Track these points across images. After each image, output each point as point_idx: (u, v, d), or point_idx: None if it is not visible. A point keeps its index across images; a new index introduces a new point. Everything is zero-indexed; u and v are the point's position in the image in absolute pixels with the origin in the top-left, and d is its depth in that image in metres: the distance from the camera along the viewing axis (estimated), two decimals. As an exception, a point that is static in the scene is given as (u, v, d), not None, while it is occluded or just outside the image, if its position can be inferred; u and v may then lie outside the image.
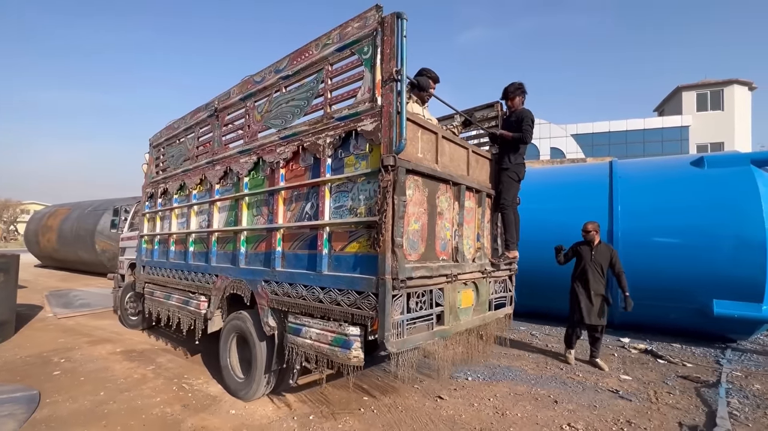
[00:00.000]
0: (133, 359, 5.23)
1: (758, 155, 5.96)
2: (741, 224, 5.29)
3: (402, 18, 2.75)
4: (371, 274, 2.75)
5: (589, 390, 4.12)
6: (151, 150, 6.28)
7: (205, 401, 3.97)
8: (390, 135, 2.72)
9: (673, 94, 28.15)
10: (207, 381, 4.49)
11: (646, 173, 6.60)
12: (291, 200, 3.55)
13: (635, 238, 5.00)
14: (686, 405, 3.77)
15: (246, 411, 3.71)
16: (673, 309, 5.92)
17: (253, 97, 4.08)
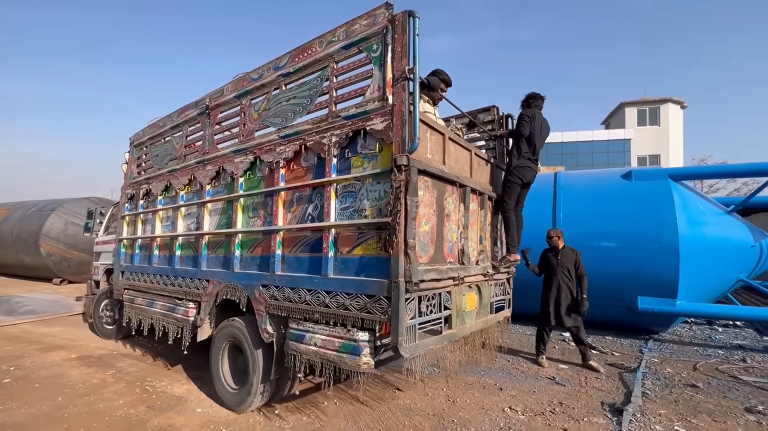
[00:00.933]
0: (91, 364, 5.12)
1: (675, 170, 6.82)
2: (659, 231, 6.04)
3: (414, 16, 2.71)
4: (383, 277, 2.67)
5: (531, 379, 4.56)
6: (132, 149, 5.97)
7: (170, 401, 4.01)
8: (402, 134, 2.66)
9: (618, 109, 30.18)
10: (171, 383, 4.51)
11: (585, 184, 7.27)
12: (292, 202, 3.42)
13: (575, 242, 5.40)
14: (610, 388, 4.30)
15: (212, 409, 3.82)
16: (607, 306, 6.47)
17: (249, 95, 3.93)
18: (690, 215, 6.13)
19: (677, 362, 5.29)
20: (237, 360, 3.89)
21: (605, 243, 6.43)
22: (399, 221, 2.57)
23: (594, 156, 27.25)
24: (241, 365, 3.84)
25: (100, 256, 6.94)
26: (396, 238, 2.57)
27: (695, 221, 6.13)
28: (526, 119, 4.13)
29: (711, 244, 6.07)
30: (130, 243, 5.75)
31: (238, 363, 3.87)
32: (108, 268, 6.54)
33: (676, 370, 4.91)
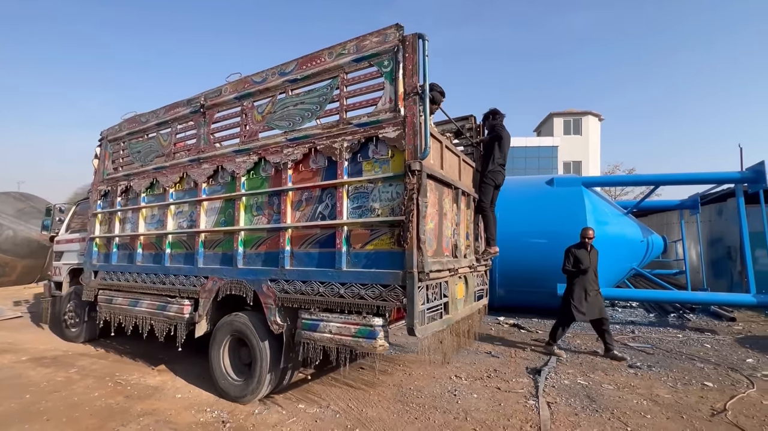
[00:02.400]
0: (47, 365, 5.11)
1: (587, 178, 8.61)
2: (574, 228, 7.13)
3: (424, 39, 3.08)
4: (397, 268, 3.01)
5: (471, 353, 5.40)
6: (106, 144, 5.75)
7: (146, 391, 4.21)
8: (415, 143, 3.02)
9: (547, 119, 32.94)
10: (142, 375, 4.70)
11: (517, 188, 8.29)
12: (301, 201, 3.65)
13: (509, 241, 6.29)
14: (533, 358, 5.32)
15: (191, 395, 4.11)
16: (533, 293, 7.71)
17: (251, 97, 4.07)
18: (597, 217, 7.46)
19: (585, 335, 6.52)
20: (239, 353, 4.03)
21: (533, 240, 7.59)
22: (413, 219, 2.93)
23: (527, 161, 29.35)
24: (243, 357, 3.99)
25: (62, 256, 6.54)
26: (410, 234, 2.93)
27: (600, 221, 7.45)
28: (501, 128, 4.67)
29: (612, 240, 7.43)
30: (105, 242, 5.55)
31: (240, 356, 4.02)
32: (74, 268, 6.21)
33: (583, 341, 6.14)
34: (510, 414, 3.58)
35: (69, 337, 6.10)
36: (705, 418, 3.47)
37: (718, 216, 10.64)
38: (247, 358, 3.96)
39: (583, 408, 3.67)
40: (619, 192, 27.76)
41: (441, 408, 3.70)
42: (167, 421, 3.54)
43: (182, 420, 3.56)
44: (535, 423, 3.38)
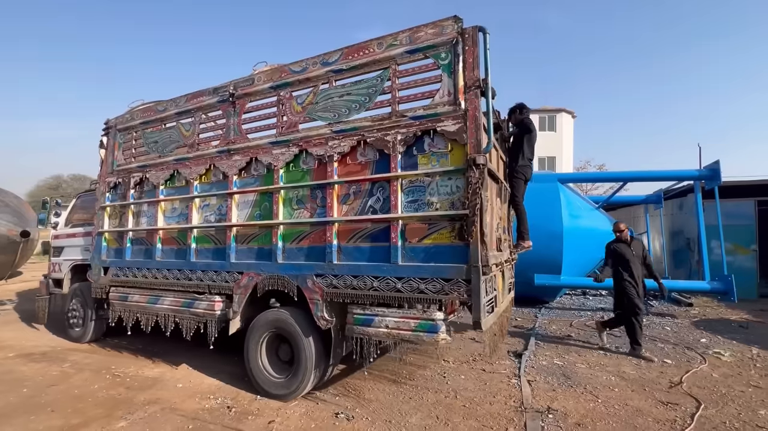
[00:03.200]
0: (38, 361, 5.08)
1: (562, 175, 9.25)
2: (550, 222, 7.70)
3: (485, 32, 3.07)
4: (459, 262, 3.02)
5: (457, 340, 5.64)
6: (114, 133, 5.45)
7: (146, 382, 4.29)
8: (477, 137, 3.02)
9: None
10: (139, 368, 4.76)
11: None
12: (348, 194, 3.58)
13: None
14: (514, 342, 5.62)
15: (192, 384, 4.21)
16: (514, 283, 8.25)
17: (288, 87, 3.95)
18: (571, 211, 7.79)
19: (560, 321, 7.09)
20: (278, 349, 3.94)
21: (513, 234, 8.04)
22: (477, 213, 2.93)
23: (507, 156, 30.32)
24: (282, 354, 3.90)
25: (61, 251, 6.17)
26: (475, 228, 2.93)
27: (574, 215, 7.79)
28: (529, 122, 4.72)
29: (584, 233, 7.88)
30: (117, 237, 5.28)
31: (279, 353, 3.93)
32: (78, 264, 5.88)
33: (558, 327, 6.64)
34: (495, 391, 3.91)
35: (73, 337, 5.79)
36: (664, 390, 3.92)
37: (679, 210, 11.33)
38: (286, 355, 3.88)
39: (560, 385, 4.06)
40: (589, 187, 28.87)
41: (432, 388, 3.98)
42: (173, 409, 3.64)
43: (188, 407, 3.66)
44: (517, 399, 3.72)
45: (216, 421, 3.40)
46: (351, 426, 3.27)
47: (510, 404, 3.62)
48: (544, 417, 3.35)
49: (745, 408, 3.52)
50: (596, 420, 3.29)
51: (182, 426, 3.32)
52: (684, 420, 3.28)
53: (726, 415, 3.37)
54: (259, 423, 3.36)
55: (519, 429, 3.18)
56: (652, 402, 3.63)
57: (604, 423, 3.24)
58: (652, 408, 3.51)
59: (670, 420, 3.29)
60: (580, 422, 3.26)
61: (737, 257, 9.34)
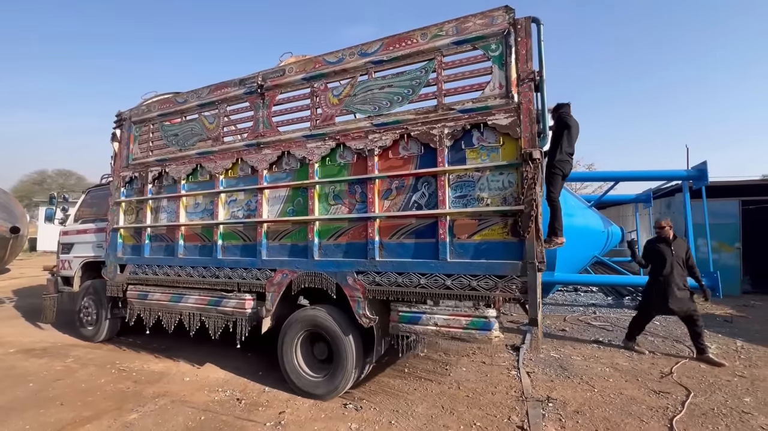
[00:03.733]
0: (40, 356, 5.03)
1: None
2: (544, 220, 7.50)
3: (539, 23, 2.99)
4: (513, 259, 2.96)
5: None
6: (129, 126, 5.24)
7: (153, 377, 4.32)
8: (532, 130, 2.95)
9: None
10: (144, 362, 4.75)
11: None
12: (390, 190, 3.49)
13: None
14: (511, 336, 5.66)
15: (199, 377, 4.26)
16: None
17: (323, 78, 3.83)
18: (566, 209, 8.15)
19: (554, 316, 7.21)
20: (313, 348, 3.85)
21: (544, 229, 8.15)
22: (534, 209, 2.87)
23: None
24: (318, 353, 3.82)
25: (71, 248, 5.95)
26: (532, 224, 2.87)
27: (569, 213, 7.76)
28: (569, 116, 4.66)
29: (577, 230, 7.64)
30: (134, 233, 5.10)
31: (314, 352, 3.84)
32: (90, 261, 5.68)
33: (552, 321, 6.78)
34: (496, 383, 4.03)
35: (85, 336, 5.60)
36: (655, 380, 4.09)
37: (667, 209, 11.52)
38: (321, 353, 3.80)
39: (557, 376, 4.20)
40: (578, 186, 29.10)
41: (436, 380, 4.08)
42: (183, 401, 3.68)
43: (197, 400, 3.71)
44: (518, 389, 3.85)
45: (227, 412, 3.45)
46: (360, 415, 3.36)
47: (511, 394, 3.75)
48: (545, 405, 3.49)
49: (731, 395, 3.71)
50: (593, 408, 3.45)
51: (194, 417, 3.37)
52: (675, 407, 3.46)
53: (714, 402, 3.55)
54: (269, 413, 3.43)
55: (521, 416, 3.30)
56: (645, 391, 3.80)
57: (601, 411, 3.40)
58: (645, 397, 3.67)
59: (662, 407, 3.47)
60: (578, 410, 3.42)
61: (722, 254, 9.56)
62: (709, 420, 3.24)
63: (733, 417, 3.28)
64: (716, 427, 3.13)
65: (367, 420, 3.27)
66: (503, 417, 3.28)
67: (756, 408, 3.44)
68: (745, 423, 3.19)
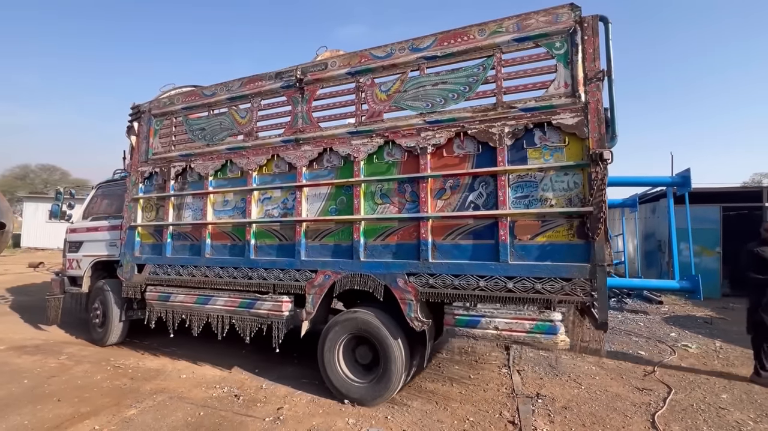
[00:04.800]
0: (32, 353, 4.96)
1: None
2: None
3: (607, 22, 2.95)
4: (579, 261, 2.90)
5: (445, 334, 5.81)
6: (149, 119, 5.00)
7: (149, 373, 4.33)
8: (600, 131, 2.90)
9: None
10: (140, 359, 4.79)
11: None
12: (444, 189, 3.38)
13: None
14: None
15: (196, 374, 4.30)
16: None
17: (370, 73, 3.71)
18: None
19: None
20: (354, 352, 3.72)
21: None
22: (604, 211, 2.82)
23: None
24: (361, 357, 3.69)
25: (80, 246, 5.64)
26: (601, 226, 2.81)
27: None
28: None
29: None
30: (154, 231, 4.86)
31: (357, 355, 3.71)
32: (101, 260, 5.39)
33: None
34: (487, 380, 4.16)
35: (96, 339, 5.31)
36: (639, 377, 4.27)
37: (652, 214, 11.85)
38: (365, 357, 3.67)
39: (546, 373, 4.35)
40: None
41: (429, 378, 4.19)
42: (181, 397, 3.71)
43: (195, 396, 3.75)
44: (509, 386, 4.00)
45: (226, 408, 3.49)
46: (357, 410, 3.44)
47: (502, 391, 3.89)
48: (534, 401, 3.63)
49: (709, 392, 3.90)
50: (581, 404, 3.59)
51: (193, 413, 3.40)
52: (657, 403, 3.62)
53: (693, 399, 3.74)
54: (268, 409, 3.48)
55: (512, 412, 3.42)
56: (629, 388, 3.96)
57: (587, 406, 3.55)
58: (629, 393, 3.84)
59: (645, 403, 3.63)
60: (566, 406, 3.56)
61: (703, 258, 9.86)
62: (688, 415, 3.41)
63: (710, 413, 3.45)
64: (695, 422, 3.29)
65: (363, 415, 3.36)
66: (495, 413, 3.41)
67: (732, 404, 3.62)
68: (722, 418, 3.36)
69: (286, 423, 3.23)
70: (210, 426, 3.19)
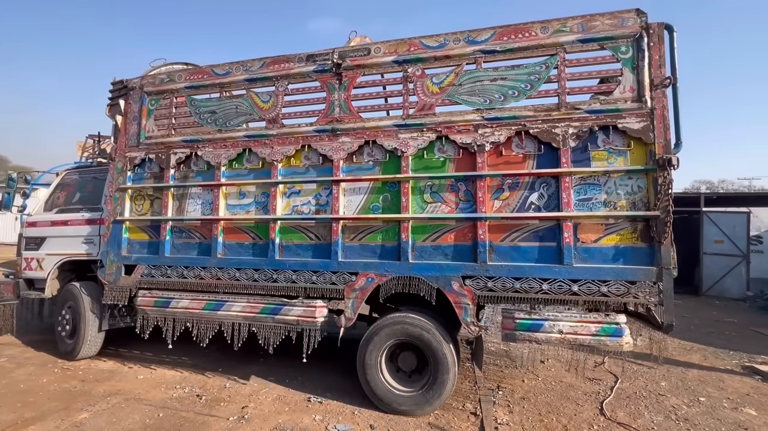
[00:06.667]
0: None
1: None
2: None
3: (673, 30, 3.01)
4: (644, 264, 2.94)
5: None
6: (141, 97, 4.33)
7: (102, 375, 4.13)
8: (666, 137, 2.96)
9: None
10: (91, 361, 4.52)
11: None
12: (502, 189, 3.28)
13: None
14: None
15: (155, 375, 4.16)
16: None
17: (420, 63, 3.49)
18: None
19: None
20: (396, 358, 3.51)
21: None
22: (670, 215, 2.88)
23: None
24: (405, 363, 3.49)
25: (41, 243, 4.75)
26: (668, 230, 2.88)
27: None
28: None
29: None
30: (148, 227, 4.23)
31: (398, 362, 3.50)
32: (72, 260, 4.59)
33: None
34: None
35: (65, 351, 4.51)
36: (590, 368, 4.59)
37: None
38: (408, 364, 3.48)
39: (507, 366, 4.61)
40: None
41: None
42: (138, 399, 3.56)
43: (154, 397, 3.62)
44: (471, 379, 4.13)
45: (187, 409, 3.39)
46: (324, 407, 3.48)
47: (465, 384, 4.03)
48: (495, 393, 3.84)
49: (650, 381, 4.25)
50: (537, 394, 3.85)
51: (151, 415, 3.27)
52: (605, 391, 3.94)
53: (636, 387, 4.08)
54: (232, 408, 3.43)
55: (474, 404, 3.58)
56: (581, 379, 4.27)
57: (544, 396, 3.80)
58: (581, 383, 4.15)
59: (594, 392, 3.94)
60: (524, 396, 3.79)
61: None
62: (632, 402, 3.72)
63: (651, 399, 3.78)
64: (638, 407, 3.60)
65: (331, 411, 3.39)
66: (458, 405, 3.54)
67: (669, 391, 3.98)
68: (660, 404, 3.69)
69: (251, 421, 3.19)
70: (170, 427, 3.09)
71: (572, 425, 3.25)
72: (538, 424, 3.26)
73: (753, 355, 5.15)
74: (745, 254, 10.16)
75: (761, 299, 9.14)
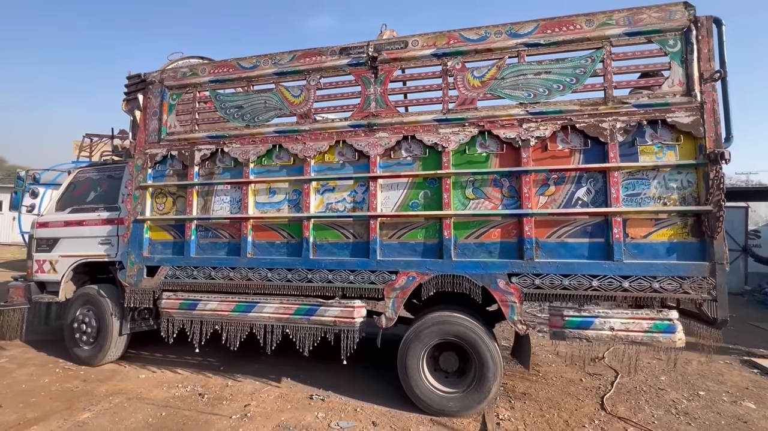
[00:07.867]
0: None
1: None
2: None
3: (721, 24, 2.98)
4: (695, 259, 2.91)
5: None
6: (162, 91, 4.17)
7: (104, 374, 4.10)
8: (717, 131, 2.93)
9: None
10: None
11: None
12: (548, 184, 3.22)
13: None
14: None
15: (156, 375, 4.13)
16: None
17: (460, 56, 3.42)
18: None
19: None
20: (437, 359, 3.44)
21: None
22: (722, 210, 2.85)
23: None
24: (447, 364, 3.42)
25: (54, 244, 4.54)
26: (720, 225, 2.85)
27: None
28: None
29: None
30: (172, 226, 4.07)
31: (440, 363, 3.43)
32: (86, 261, 4.39)
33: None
34: None
35: (82, 357, 4.32)
36: (590, 363, 4.57)
37: None
38: (451, 365, 3.41)
39: (507, 362, 4.48)
40: None
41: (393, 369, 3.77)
42: (140, 398, 3.54)
43: (156, 396, 3.60)
44: None
45: (190, 408, 3.38)
46: (326, 404, 3.47)
47: None
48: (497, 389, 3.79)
49: (650, 375, 4.27)
50: (538, 390, 3.85)
51: (154, 414, 3.27)
52: (606, 386, 3.93)
53: (636, 381, 4.09)
54: (234, 406, 3.42)
55: None
56: (582, 374, 4.27)
57: (544, 392, 3.80)
58: (581, 379, 4.15)
59: (595, 387, 3.93)
60: (525, 392, 3.80)
61: None
62: (632, 396, 3.71)
63: (651, 394, 3.78)
64: (638, 402, 3.59)
65: (333, 408, 3.39)
66: None
67: (669, 385, 3.98)
68: (660, 398, 3.69)
69: (253, 419, 3.18)
70: (173, 426, 3.08)
71: (573, 420, 3.24)
72: (540, 419, 3.24)
73: (752, 349, 5.17)
74: (744, 249, 10.35)
75: (759, 294, 9.31)
